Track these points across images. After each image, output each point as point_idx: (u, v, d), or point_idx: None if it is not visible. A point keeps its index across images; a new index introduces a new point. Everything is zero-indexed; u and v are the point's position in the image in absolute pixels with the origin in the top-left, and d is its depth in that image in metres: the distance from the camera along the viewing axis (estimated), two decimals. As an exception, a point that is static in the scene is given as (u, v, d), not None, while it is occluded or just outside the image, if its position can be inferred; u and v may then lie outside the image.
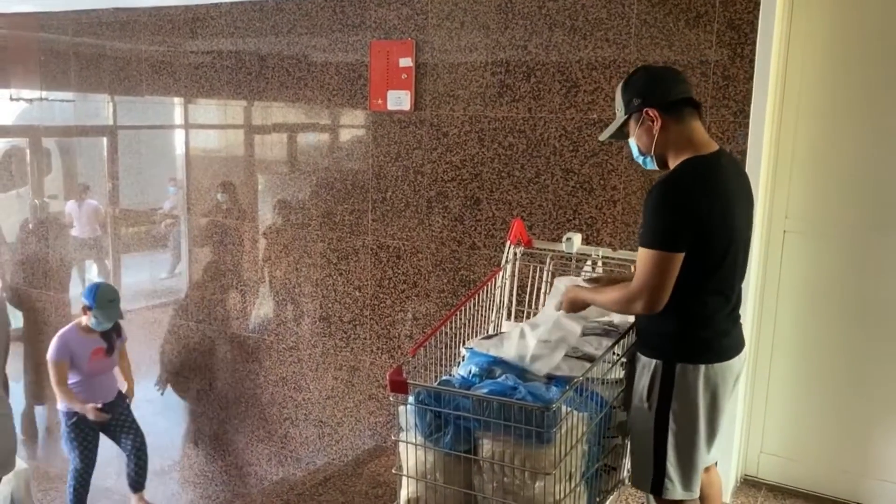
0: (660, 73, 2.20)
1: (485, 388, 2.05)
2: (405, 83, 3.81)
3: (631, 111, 2.15)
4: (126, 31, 4.84)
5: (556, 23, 3.40)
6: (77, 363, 4.50)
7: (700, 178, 2.03)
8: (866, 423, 3.06)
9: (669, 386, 2.07)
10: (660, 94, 2.11)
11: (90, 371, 4.51)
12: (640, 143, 2.16)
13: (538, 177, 3.53)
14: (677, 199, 2.00)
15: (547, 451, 1.92)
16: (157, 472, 5.19)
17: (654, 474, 2.12)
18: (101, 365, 4.57)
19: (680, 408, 2.07)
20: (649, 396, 2.09)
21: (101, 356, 4.55)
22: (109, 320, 4.47)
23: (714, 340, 2.10)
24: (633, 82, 2.15)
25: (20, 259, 5.73)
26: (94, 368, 4.52)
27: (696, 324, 2.08)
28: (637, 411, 2.15)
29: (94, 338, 4.52)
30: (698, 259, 2.01)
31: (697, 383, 2.06)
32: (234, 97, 4.49)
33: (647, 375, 2.11)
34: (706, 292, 2.06)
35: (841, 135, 2.99)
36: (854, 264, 3.02)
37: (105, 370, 4.61)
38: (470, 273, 3.77)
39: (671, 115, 2.10)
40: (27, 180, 5.77)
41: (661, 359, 2.09)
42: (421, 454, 2.06)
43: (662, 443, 2.09)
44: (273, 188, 4.40)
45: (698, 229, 1.99)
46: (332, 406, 4.35)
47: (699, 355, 2.07)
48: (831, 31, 2.96)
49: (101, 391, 4.59)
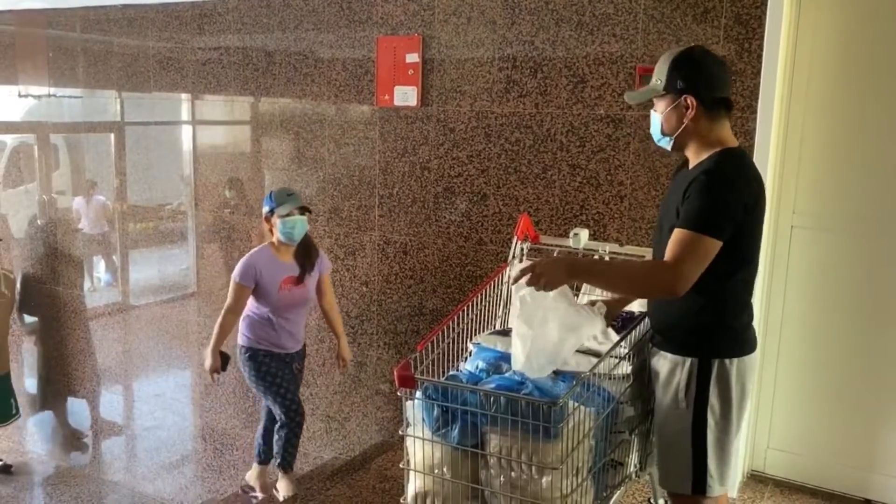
0: (712, 66, 2.10)
1: (492, 384, 2.05)
2: (412, 79, 3.81)
3: (671, 91, 2.08)
4: (134, 28, 4.86)
5: (562, 18, 3.40)
6: (263, 291, 3.61)
7: (744, 170, 2.05)
8: (873, 419, 3.05)
9: (706, 382, 2.05)
10: (705, 87, 2.07)
11: (278, 304, 3.62)
12: (666, 122, 2.11)
13: (545, 172, 3.53)
14: (727, 188, 1.98)
15: (554, 447, 1.93)
16: (165, 467, 5.23)
17: (693, 474, 2.10)
18: (291, 298, 3.64)
19: (718, 403, 2.06)
20: (686, 394, 2.07)
21: (291, 286, 3.63)
22: (294, 218, 3.54)
23: (743, 332, 2.12)
24: (685, 64, 2.06)
25: (28, 255, 5.76)
26: (282, 301, 3.62)
27: (730, 317, 2.08)
28: (671, 412, 2.12)
29: (287, 263, 3.63)
30: (738, 250, 2.01)
31: (731, 377, 2.06)
32: (242, 93, 4.50)
33: (681, 374, 2.08)
34: (739, 284, 2.08)
35: (849, 130, 2.99)
36: (861, 259, 3.02)
37: (296, 305, 3.68)
38: (477, 269, 3.77)
39: (706, 110, 2.07)
40: (35, 176, 5.80)
41: (696, 356, 2.07)
42: (428, 449, 2.07)
43: (702, 440, 2.07)
44: (280, 184, 4.41)
45: (742, 220, 1.99)
46: (339, 401, 4.36)
47: (733, 349, 2.08)
48: (839, 26, 2.95)
49: (287, 335, 3.71)
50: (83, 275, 5.54)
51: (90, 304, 5.53)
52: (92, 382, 5.55)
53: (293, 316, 3.70)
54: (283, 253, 3.63)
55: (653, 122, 2.18)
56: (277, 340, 3.69)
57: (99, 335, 5.48)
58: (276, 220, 3.55)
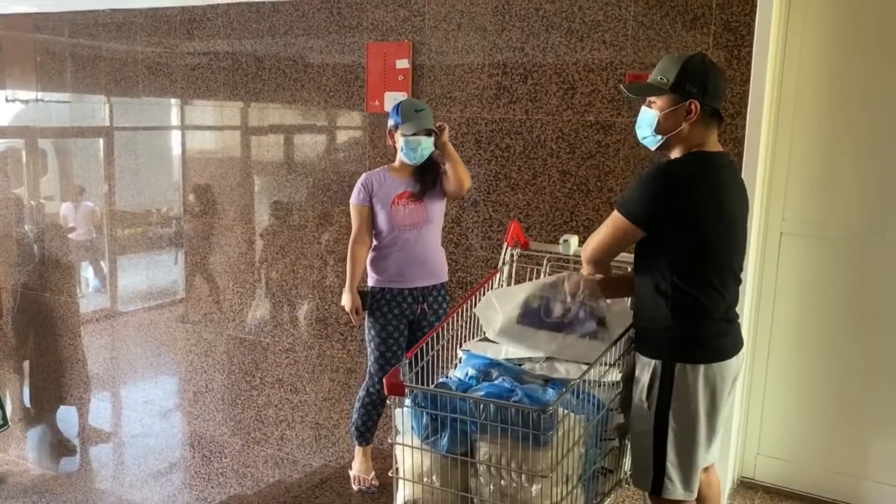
0: (718, 77, 2.13)
1: (482, 391, 2.04)
2: (402, 85, 3.81)
3: (678, 92, 2.08)
4: (122, 32, 4.83)
5: (552, 25, 3.40)
6: (381, 211, 3.23)
7: (698, 170, 2.08)
8: (863, 426, 3.06)
9: (669, 386, 2.08)
10: (710, 96, 2.09)
11: (393, 222, 3.22)
12: (664, 121, 2.11)
13: (535, 178, 3.53)
14: (669, 185, 2.05)
15: (544, 454, 1.92)
16: (153, 474, 5.18)
17: (654, 474, 2.13)
18: (410, 215, 3.23)
19: (680, 407, 2.08)
20: (649, 396, 2.10)
21: (406, 200, 3.23)
22: (418, 138, 3.15)
23: (712, 340, 2.11)
24: (697, 69, 2.08)
25: (16, 262, 5.72)
26: (399, 219, 3.22)
27: (693, 323, 2.09)
28: (637, 410, 2.15)
29: (405, 179, 3.25)
30: (690, 248, 2.04)
31: (697, 383, 2.07)
32: (231, 98, 4.48)
33: (646, 375, 2.11)
34: (700, 288, 2.07)
35: (837, 137, 3.00)
36: (851, 266, 3.03)
37: (415, 225, 3.24)
38: (467, 275, 3.76)
39: (704, 118, 2.10)
40: (23, 181, 5.75)
41: (660, 358, 2.09)
42: (418, 457, 2.06)
43: (662, 442, 2.10)
44: (269, 189, 4.39)
45: (689, 217, 2.03)
46: (328, 408, 4.34)
47: (698, 355, 2.08)
48: (828, 33, 2.96)
49: (411, 261, 3.25)
50: (71, 281, 5.50)
51: (78, 311, 5.49)
52: (80, 389, 5.51)
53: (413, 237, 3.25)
54: (400, 172, 3.28)
55: (644, 117, 2.17)
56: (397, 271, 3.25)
57: (87, 342, 5.44)
58: (399, 138, 3.19)
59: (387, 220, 3.22)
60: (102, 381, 5.43)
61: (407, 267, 3.25)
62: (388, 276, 3.27)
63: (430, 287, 3.30)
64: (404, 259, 3.24)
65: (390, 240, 3.24)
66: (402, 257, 3.24)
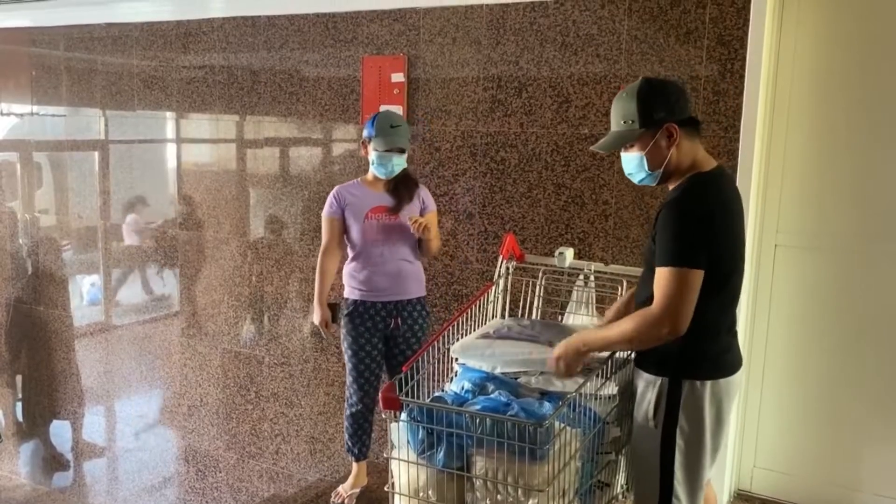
0: (673, 89, 2.08)
1: (478, 405, 2.04)
2: (397, 98, 3.82)
3: (649, 125, 2.03)
4: (118, 46, 4.84)
5: (547, 38, 3.42)
6: (353, 224, 3.23)
7: (711, 195, 2.02)
8: (860, 437, 3.06)
9: (676, 403, 2.04)
10: (681, 109, 2.05)
11: (366, 237, 3.21)
12: (651, 158, 2.06)
13: (530, 191, 3.54)
14: (695, 216, 1.97)
15: (540, 468, 1.91)
16: (147, 489, 5.15)
17: (660, 494, 2.09)
18: (383, 230, 3.21)
19: (688, 425, 2.05)
20: (655, 415, 2.06)
21: (381, 215, 3.21)
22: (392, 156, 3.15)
23: (719, 356, 2.09)
24: (653, 94, 2.03)
25: (10, 276, 5.70)
26: (372, 233, 3.21)
27: (702, 340, 2.05)
28: (641, 430, 2.11)
29: (378, 192, 3.25)
30: (710, 275, 1.98)
31: (703, 400, 2.04)
32: (227, 112, 4.48)
33: (651, 393, 2.08)
34: (713, 308, 2.04)
35: (831, 149, 3.01)
36: (845, 278, 3.03)
37: (388, 239, 3.22)
38: (462, 288, 3.76)
39: (686, 133, 2.06)
40: (17, 195, 5.74)
41: (667, 376, 2.06)
42: (413, 471, 2.05)
43: (670, 461, 2.06)
44: (265, 203, 4.39)
45: (713, 245, 1.97)
46: (323, 422, 4.32)
47: (706, 371, 2.06)
48: (820, 46, 2.99)
49: (383, 275, 3.24)
50: (66, 294, 5.48)
51: (72, 324, 5.47)
52: (73, 403, 5.48)
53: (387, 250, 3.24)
54: (374, 185, 3.27)
55: (630, 163, 2.12)
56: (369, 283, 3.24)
57: (81, 355, 5.41)
58: (371, 151, 3.19)
59: (360, 233, 3.22)
60: (96, 396, 5.40)
61: (380, 281, 3.25)
62: (362, 289, 3.27)
63: (405, 301, 3.30)
64: (377, 273, 3.25)
65: (363, 253, 3.25)
66: (375, 271, 3.25)
